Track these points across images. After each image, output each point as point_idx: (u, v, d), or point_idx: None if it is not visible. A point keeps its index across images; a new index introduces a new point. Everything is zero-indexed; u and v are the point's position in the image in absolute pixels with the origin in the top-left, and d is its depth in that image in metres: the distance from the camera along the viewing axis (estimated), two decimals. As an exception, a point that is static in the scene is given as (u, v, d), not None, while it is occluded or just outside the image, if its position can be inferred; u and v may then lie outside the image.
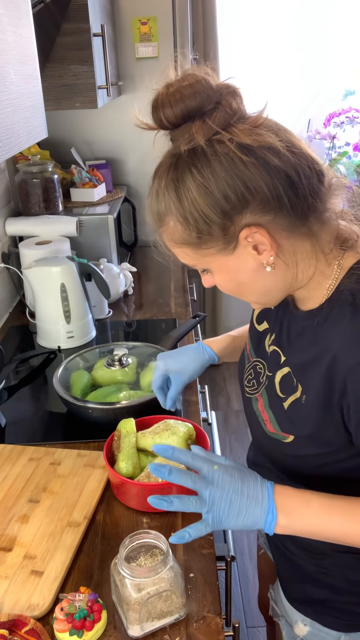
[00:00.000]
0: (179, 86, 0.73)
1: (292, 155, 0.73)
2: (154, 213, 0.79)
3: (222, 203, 0.72)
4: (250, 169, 0.71)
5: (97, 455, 1.21)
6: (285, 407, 0.86)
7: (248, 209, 0.73)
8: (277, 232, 0.75)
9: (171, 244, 0.81)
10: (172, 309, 1.99)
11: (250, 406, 0.96)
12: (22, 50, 1.12)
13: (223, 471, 0.79)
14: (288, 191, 0.73)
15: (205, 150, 0.72)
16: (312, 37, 2.91)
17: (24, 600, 0.89)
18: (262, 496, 0.77)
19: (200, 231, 0.75)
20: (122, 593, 0.83)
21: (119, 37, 2.42)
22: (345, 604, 0.92)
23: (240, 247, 0.76)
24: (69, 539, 1.00)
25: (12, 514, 1.07)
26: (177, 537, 0.77)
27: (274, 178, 0.72)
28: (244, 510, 0.76)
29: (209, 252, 0.78)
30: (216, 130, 0.72)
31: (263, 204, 0.73)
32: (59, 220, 2.02)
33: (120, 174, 2.64)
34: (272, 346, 0.93)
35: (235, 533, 1.16)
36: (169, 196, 0.75)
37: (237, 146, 0.71)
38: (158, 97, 0.75)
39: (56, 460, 1.21)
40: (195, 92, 0.73)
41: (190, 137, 0.73)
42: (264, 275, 0.79)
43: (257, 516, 0.76)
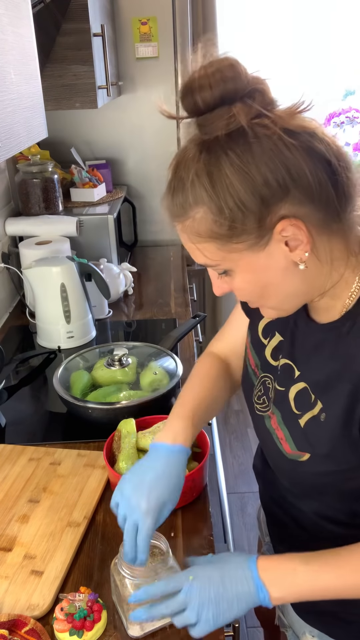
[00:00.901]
0: (220, 66, 0.67)
1: (333, 143, 0.70)
2: (177, 205, 0.72)
3: (262, 189, 0.67)
4: (294, 153, 0.67)
5: (97, 455, 1.21)
6: (302, 424, 0.81)
7: (288, 197, 0.68)
8: (313, 225, 0.70)
9: (195, 239, 0.73)
10: (172, 309, 1.99)
11: (262, 424, 0.90)
12: (22, 50, 1.12)
13: (200, 580, 0.77)
14: (330, 179, 0.68)
15: (246, 132, 0.67)
16: (312, 37, 2.90)
17: (24, 600, 0.89)
18: (247, 580, 0.76)
19: (234, 221, 0.68)
20: (122, 593, 0.83)
21: (119, 37, 2.41)
22: (355, 615, 0.89)
23: (273, 243, 0.70)
24: (69, 539, 1.00)
25: (12, 514, 1.07)
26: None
27: (317, 164, 0.68)
28: (234, 603, 0.76)
29: (238, 247, 0.71)
30: (260, 111, 0.67)
31: (304, 192, 0.68)
32: (59, 220, 2.02)
33: (120, 174, 2.64)
34: (283, 359, 0.87)
35: (235, 533, 1.16)
36: (200, 184, 0.69)
37: (281, 128, 0.67)
38: (194, 78, 0.68)
39: (56, 460, 1.21)
40: (237, 74, 0.67)
41: (229, 119, 0.67)
42: (293, 276, 0.73)
43: (249, 600, 0.76)
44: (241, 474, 2.56)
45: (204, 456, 1.11)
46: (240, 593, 0.76)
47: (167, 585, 0.79)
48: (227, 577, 0.77)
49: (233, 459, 2.71)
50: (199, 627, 0.77)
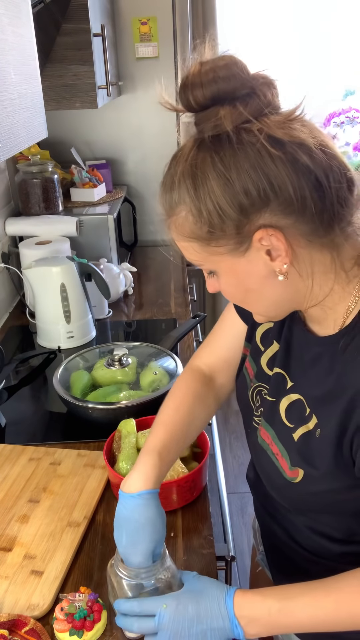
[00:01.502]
0: (214, 65, 0.66)
1: (324, 156, 0.67)
2: (166, 201, 0.72)
3: (241, 197, 0.66)
4: (277, 165, 0.65)
5: (97, 455, 1.21)
6: (296, 438, 0.79)
7: (268, 208, 0.66)
8: (295, 238, 0.69)
9: (179, 237, 0.74)
10: (172, 309, 1.99)
11: (254, 437, 0.88)
12: (22, 50, 1.12)
13: (174, 611, 0.76)
14: (314, 194, 0.66)
15: (231, 137, 0.66)
16: (312, 37, 2.90)
17: (24, 600, 0.89)
18: (223, 617, 0.75)
19: (212, 226, 0.68)
20: (119, 594, 0.82)
21: (119, 37, 2.42)
22: (352, 633, 0.85)
23: (253, 250, 0.70)
24: (69, 539, 1.00)
25: (12, 514, 1.07)
26: None
27: (302, 178, 0.66)
28: (207, 635, 0.75)
29: (218, 250, 0.71)
30: (246, 117, 0.66)
31: (285, 204, 0.66)
32: (59, 220, 2.02)
33: (120, 174, 2.64)
34: (276, 368, 0.85)
35: (235, 533, 1.16)
36: (185, 184, 0.68)
37: (267, 137, 0.65)
38: (189, 74, 0.67)
39: (56, 460, 1.21)
40: (231, 75, 0.66)
41: (216, 121, 0.66)
42: (274, 284, 0.72)
43: (224, 634, 0.75)
44: (241, 474, 2.56)
45: (204, 456, 1.11)
46: (215, 628, 0.75)
47: (140, 607, 0.78)
48: (202, 611, 0.75)
49: (233, 459, 2.71)
50: None
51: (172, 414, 0.95)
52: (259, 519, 1.04)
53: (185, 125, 0.73)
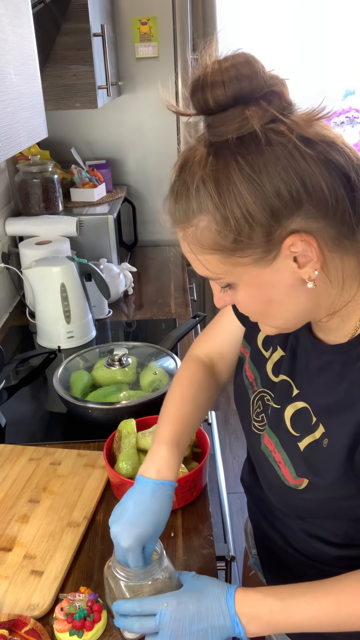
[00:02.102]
0: (235, 62, 0.62)
1: (353, 154, 0.65)
2: (180, 211, 0.67)
3: (272, 201, 0.62)
4: (310, 164, 0.62)
5: (97, 455, 1.21)
6: (302, 448, 0.78)
7: (301, 211, 0.63)
8: (324, 242, 0.65)
9: (197, 249, 0.68)
10: (172, 309, 1.99)
11: (257, 444, 0.86)
12: (22, 50, 1.12)
13: (175, 609, 0.75)
14: (348, 194, 0.63)
15: (259, 138, 0.62)
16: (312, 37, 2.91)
17: (24, 600, 0.89)
18: (224, 615, 0.75)
19: (239, 233, 0.64)
20: (117, 595, 0.82)
21: (119, 37, 2.42)
22: (350, 636, 0.86)
23: (281, 258, 0.65)
24: (69, 539, 1.00)
25: (12, 514, 1.07)
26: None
27: (335, 177, 0.63)
28: (208, 633, 0.75)
29: (243, 261, 0.66)
30: (275, 116, 0.62)
31: (319, 207, 0.63)
32: (59, 220, 2.02)
33: (120, 174, 2.64)
34: (281, 375, 0.83)
35: (235, 533, 1.16)
36: (206, 191, 0.63)
37: (298, 136, 0.62)
38: (207, 73, 0.62)
39: (56, 460, 1.21)
40: (253, 73, 0.62)
41: (241, 122, 0.62)
42: (299, 293, 0.69)
43: (225, 632, 0.75)
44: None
45: (204, 456, 1.11)
46: (216, 626, 0.75)
47: (141, 606, 0.77)
48: (203, 610, 0.75)
49: (233, 459, 2.71)
50: None
51: (179, 405, 0.95)
52: (253, 522, 1.03)
53: (186, 126, 0.69)
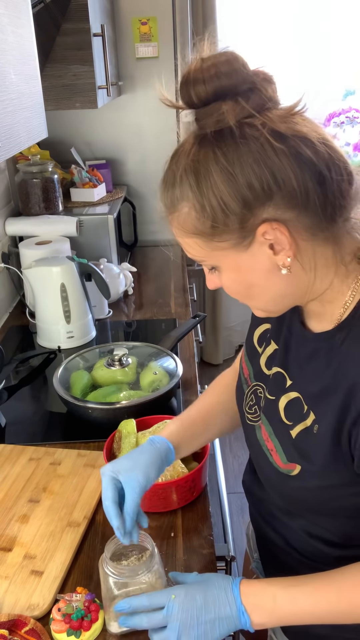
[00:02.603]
0: (215, 61, 0.66)
1: (326, 149, 0.68)
2: (168, 198, 0.72)
3: (244, 191, 0.66)
4: (281, 158, 0.66)
5: (97, 455, 1.21)
6: (293, 435, 0.80)
7: (272, 201, 0.67)
8: (298, 231, 0.69)
9: (181, 233, 0.74)
10: (172, 309, 1.99)
11: (253, 435, 0.88)
12: (22, 50, 1.12)
13: (182, 601, 0.78)
14: (317, 187, 0.67)
15: (234, 132, 0.66)
16: (312, 37, 2.90)
17: (24, 600, 0.89)
18: (230, 605, 0.77)
19: (215, 220, 0.68)
20: (104, 588, 0.84)
21: (119, 37, 2.42)
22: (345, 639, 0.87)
23: (256, 244, 0.70)
24: (69, 539, 1.00)
25: (12, 514, 1.07)
26: None
27: (305, 171, 0.66)
28: (215, 625, 0.77)
29: (221, 245, 0.71)
30: (249, 112, 0.66)
31: (289, 198, 0.67)
32: (59, 220, 2.02)
33: (120, 174, 2.64)
34: (275, 367, 0.85)
35: (235, 533, 1.16)
36: (187, 179, 0.69)
37: (270, 131, 0.66)
38: (190, 70, 0.67)
39: (56, 460, 1.21)
40: (232, 70, 0.66)
41: (219, 116, 0.67)
42: (277, 279, 0.73)
43: (231, 623, 0.77)
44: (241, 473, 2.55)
45: (204, 456, 1.11)
46: (223, 617, 0.77)
47: (150, 600, 0.79)
48: (210, 600, 0.77)
49: (233, 459, 2.71)
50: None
51: (192, 414, 1.02)
52: (254, 525, 1.03)
53: (186, 125, 0.72)
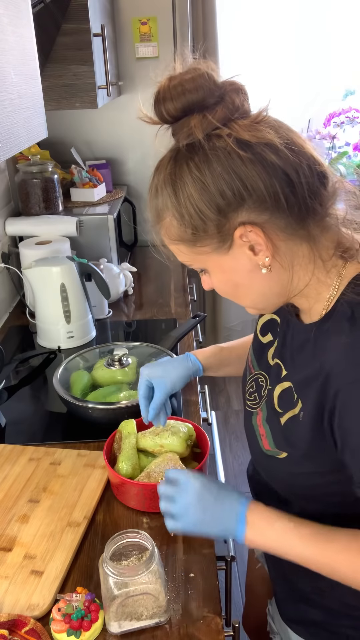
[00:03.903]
0: (181, 79, 0.72)
1: (291, 153, 0.71)
2: (153, 209, 0.78)
3: (217, 199, 0.71)
4: (247, 165, 0.70)
5: (97, 455, 1.21)
6: (282, 422, 0.83)
7: (244, 206, 0.71)
8: (273, 232, 0.73)
9: (168, 241, 0.79)
10: (172, 309, 1.99)
11: (249, 420, 0.93)
12: (22, 50, 1.12)
13: (200, 483, 0.85)
14: (286, 190, 0.70)
15: (203, 144, 0.71)
16: (312, 37, 2.90)
17: (24, 600, 0.89)
18: (236, 509, 0.82)
19: (195, 228, 0.73)
20: (104, 588, 0.84)
21: (119, 37, 2.42)
22: (341, 626, 0.90)
23: (236, 247, 0.74)
24: (69, 539, 1.00)
25: (12, 514, 1.07)
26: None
27: (272, 176, 0.70)
28: (216, 520, 0.82)
29: (204, 250, 0.76)
30: (215, 125, 0.71)
31: (259, 202, 0.71)
32: (59, 220, 2.02)
33: (120, 174, 2.64)
34: (275, 359, 0.89)
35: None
36: (166, 191, 0.74)
37: (235, 141, 0.70)
38: (160, 90, 0.73)
39: (56, 460, 1.21)
40: (198, 86, 0.71)
41: (188, 131, 0.72)
42: (259, 277, 0.77)
43: (229, 526, 0.82)
44: (241, 473, 2.56)
45: (204, 456, 1.11)
46: (226, 516, 0.82)
47: (173, 474, 0.88)
48: (222, 495, 0.84)
49: (233, 459, 2.71)
50: (174, 522, 0.85)
51: (229, 345, 1.18)
52: None
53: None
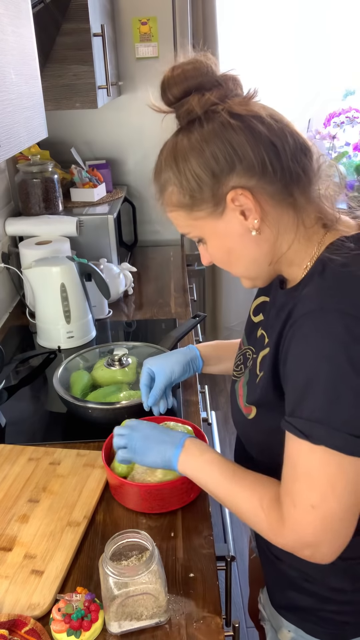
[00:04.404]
0: (183, 67, 0.81)
1: (276, 125, 0.79)
2: (158, 183, 0.86)
3: (212, 164, 0.79)
4: (238, 133, 0.78)
5: (96, 455, 1.21)
6: (257, 381, 0.90)
7: (235, 171, 0.78)
8: (262, 198, 0.80)
9: (169, 209, 0.87)
10: (172, 309, 1.99)
11: (233, 387, 1.01)
12: (22, 50, 1.12)
13: (152, 424, 1.03)
14: (272, 158, 0.78)
15: (201, 118, 0.80)
16: (312, 37, 2.90)
17: (25, 599, 0.89)
18: (180, 436, 0.97)
19: (192, 193, 0.81)
20: (104, 588, 0.84)
21: (119, 37, 2.41)
22: (328, 612, 0.92)
23: (228, 211, 0.81)
24: (69, 538, 1.00)
25: (12, 513, 1.07)
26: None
27: (259, 143, 0.78)
28: (161, 442, 0.97)
29: (200, 215, 0.83)
30: (213, 101, 0.79)
31: (248, 167, 0.78)
32: (59, 220, 2.02)
33: (120, 174, 2.64)
34: (260, 330, 0.96)
35: (235, 533, 1.16)
36: (169, 164, 0.82)
37: (228, 113, 0.78)
38: (164, 78, 0.82)
39: (56, 460, 1.21)
40: (197, 73, 0.80)
41: (189, 107, 0.80)
42: (250, 242, 0.83)
43: (170, 449, 0.95)
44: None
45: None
46: (169, 441, 0.96)
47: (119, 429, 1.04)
48: (169, 431, 1.00)
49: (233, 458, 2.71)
50: (123, 451, 1.01)
51: (227, 342, 1.28)
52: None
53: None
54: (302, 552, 0.78)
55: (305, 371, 0.75)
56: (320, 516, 0.74)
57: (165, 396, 1.21)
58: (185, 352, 1.23)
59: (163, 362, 1.21)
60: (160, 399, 1.20)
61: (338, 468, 0.73)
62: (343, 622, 0.92)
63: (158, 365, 1.20)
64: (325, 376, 0.72)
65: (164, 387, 1.19)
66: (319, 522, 0.74)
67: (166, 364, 1.20)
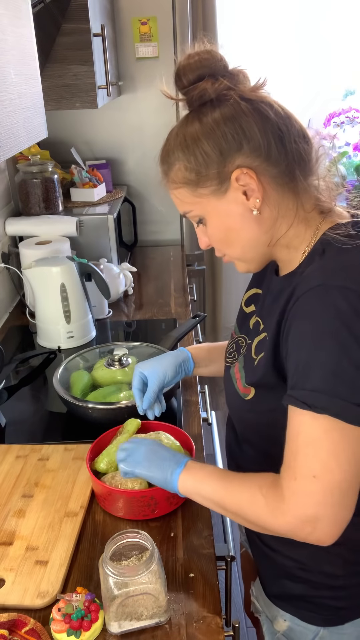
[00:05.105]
0: (200, 56, 0.85)
1: (283, 111, 0.84)
2: (164, 163, 0.88)
3: (221, 142, 0.82)
4: (248, 115, 0.82)
5: (84, 449, 1.22)
6: (255, 363, 0.91)
7: (241, 151, 0.82)
8: (265, 179, 0.83)
9: (173, 186, 0.89)
10: (172, 309, 1.99)
11: (227, 373, 1.02)
12: (22, 50, 1.12)
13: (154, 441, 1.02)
14: (277, 142, 0.82)
15: (214, 100, 0.84)
16: (312, 37, 2.90)
17: (33, 588, 0.90)
18: (181, 457, 0.96)
19: (199, 170, 0.84)
20: (104, 588, 0.84)
21: (119, 37, 2.41)
22: (322, 598, 0.93)
23: (232, 190, 0.84)
24: (68, 528, 1.02)
25: (7, 510, 1.08)
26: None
27: (267, 127, 0.82)
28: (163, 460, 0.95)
29: (204, 192, 0.85)
30: (226, 85, 0.84)
31: (255, 148, 0.82)
32: (59, 220, 2.02)
33: (120, 174, 2.64)
34: (254, 318, 0.97)
35: (235, 533, 1.16)
36: (178, 144, 0.86)
37: (239, 96, 0.83)
38: (181, 63, 0.86)
39: (44, 455, 1.22)
40: (213, 61, 0.85)
41: (202, 91, 0.84)
42: (250, 222, 0.86)
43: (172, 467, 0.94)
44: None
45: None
46: (171, 459, 0.95)
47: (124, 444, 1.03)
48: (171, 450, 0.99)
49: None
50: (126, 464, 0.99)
51: (218, 344, 1.28)
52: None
53: None
54: (302, 529, 0.76)
55: (308, 346, 0.75)
56: (321, 487, 0.73)
57: (158, 399, 1.21)
58: (177, 355, 1.23)
59: (155, 365, 1.20)
60: (155, 402, 1.19)
61: (341, 437, 0.72)
62: (338, 607, 0.93)
63: (150, 369, 1.19)
64: (328, 350, 0.73)
65: (158, 390, 1.18)
66: (321, 493, 0.73)
67: (158, 367, 1.19)
